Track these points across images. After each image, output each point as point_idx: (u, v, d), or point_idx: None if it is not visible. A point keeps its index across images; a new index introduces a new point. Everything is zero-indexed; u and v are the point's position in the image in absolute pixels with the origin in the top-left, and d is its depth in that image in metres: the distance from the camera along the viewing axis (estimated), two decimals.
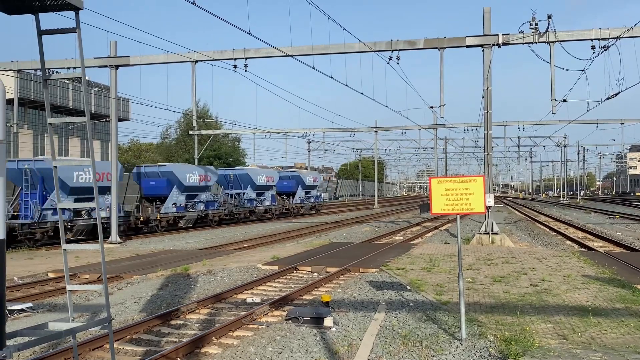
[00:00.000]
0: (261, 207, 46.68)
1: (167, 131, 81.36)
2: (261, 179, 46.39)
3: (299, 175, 54.30)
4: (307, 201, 55.94)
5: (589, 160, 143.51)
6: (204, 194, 38.60)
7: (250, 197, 45.42)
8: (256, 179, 45.64)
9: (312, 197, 57.39)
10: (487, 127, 25.37)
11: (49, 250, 24.64)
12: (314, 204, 57.67)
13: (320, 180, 61.51)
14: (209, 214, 38.82)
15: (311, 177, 56.82)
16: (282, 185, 53.16)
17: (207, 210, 38.74)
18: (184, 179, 35.99)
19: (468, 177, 9.46)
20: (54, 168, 5.14)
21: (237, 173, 45.75)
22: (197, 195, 37.90)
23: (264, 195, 47.54)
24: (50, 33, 4.77)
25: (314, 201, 57.72)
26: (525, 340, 8.67)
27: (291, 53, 25.11)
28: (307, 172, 59.35)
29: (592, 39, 23.28)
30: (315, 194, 58.17)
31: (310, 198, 56.97)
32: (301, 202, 54.60)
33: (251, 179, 45.23)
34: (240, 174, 45.58)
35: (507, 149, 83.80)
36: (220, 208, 40.48)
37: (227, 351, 8.86)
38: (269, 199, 48.12)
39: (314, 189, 57.81)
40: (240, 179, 45.39)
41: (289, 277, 16.28)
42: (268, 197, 48.07)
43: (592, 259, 18.56)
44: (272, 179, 48.49)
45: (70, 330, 4.43)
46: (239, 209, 43.11)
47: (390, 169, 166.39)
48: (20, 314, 11.99)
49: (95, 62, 27.64)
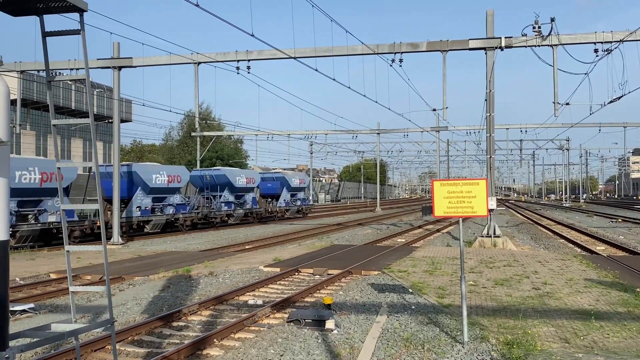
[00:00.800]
0: (240, 211, 43.64)
1: (169, 133, 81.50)
2: (240, 180, 43.39)
3: (283, 177, 51.07)
4: (292, 204, 52.70)
5: (591, 164, 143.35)
6: (173, 197, 35.83)
7: (227, 199, 42.59)
8: (234, 181, 42.56)
9: (299, 200, 54.12)
10: (490, 130, 25.36)
11: (50, 251, 24.66)
12: (300, 207, 54.38)
13: (308, 182, 58.23)
14: (180, 218, 36.03)
15: (297, 178, 53.51)
16: (266, 187, 50.64)
17: (177, 213, 35.84)
18: (150, 180, 33.11)
19: (471, 180, 9.45)
20: (58, 169, 5.15)
21: (213, 174, 42.61)
22: (166, 197, 35.11)
23: (243, 197, 44.65)
24: (55, 35, 4.78)
25: (300, 204, 54.39)
26: (528, 344, 8.65)
27: (294, 55, 25.12)
28: (292, 173, 55.61)
29: (595, 42, 23.27)
30: (302, 196, 55.01)
31: (297, 201, 53.68)
32: (286, 205, 51.35)
33: (229, 181, 42.24)
34: (217, 175, 42.46)
35: (510, 151, 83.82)
36: (193, 212, 37.86)
37: (228, 353, 8.86)
38: (249, 202, 45.30)
39: (301, 191, 54.82)
40: (217, 180, 42.29)
41: (291, 279, 16.27)
42: (248, 199, 45.23)
43: (594, 263, 18.53)
44: (253, 181, 45.67)
45: (73, 332, 4.43)
46: (214, 213, 40.34)
47: (392, 171, 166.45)
48: (22, 315, 11.99)
49: (98, 64, 27.68)
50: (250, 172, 47.30)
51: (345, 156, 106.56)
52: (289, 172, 54.93)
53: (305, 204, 55.65)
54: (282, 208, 50.49)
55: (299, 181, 53.14)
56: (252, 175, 46.06)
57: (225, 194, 42.29)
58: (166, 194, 35.07)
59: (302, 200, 54.85)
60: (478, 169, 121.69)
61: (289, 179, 50.98)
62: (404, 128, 60.45)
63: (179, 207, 36.28)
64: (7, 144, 3.91)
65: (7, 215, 3.90)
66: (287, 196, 51.30)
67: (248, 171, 48.50)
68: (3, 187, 3.88)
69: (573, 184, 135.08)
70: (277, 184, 50.78)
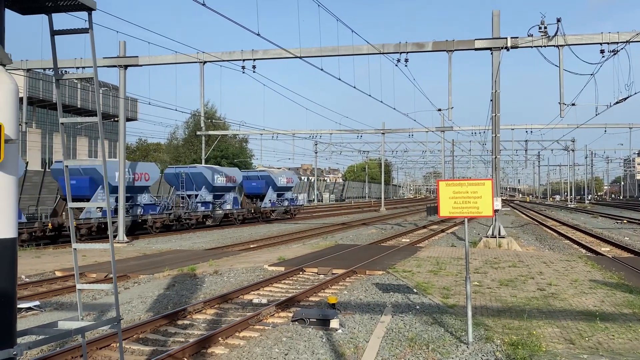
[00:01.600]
0: (219, 212, 40.41)
1: (175, 132, 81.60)
2: (219, 178, 40.55)
3: (268, 175, 48.07)
4: (279, 204, 49.13)
5: (596, 165, 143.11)
6: (140, 196, 33.11)
7: (204, 199, 39.59)
8: (212, 179, 39.74)
9: (286, 200, 50.41)
10: (495, 130, 25.33)
11: (56, 249, 24.74)
12: (288, 207, 50.56)
13: (296, 181, 54.83)
14: (148, 219, 32.82)
15: (284, 177, 50.20)
16: (250, 186, 47.82)
17: (145, 214, 32.85)
18: (112, 178, 29.71)
19: (476, 180, 9.45)
20: (65, 168, 5.17)
21: (189, 171, 39.55)
22: (132, 197, 32.39)
23: (223, 197, 41.72)
24: (63, 33, 4.81)
25: (288, 204, 50.56)
26: (532, 345, 8.65)
27: (300, 54, 25.14)
28: (279, 172, 52.17)
29: (602, 42, 23.21)
30: (289, 196, 51.19)
31: (284, 201, 50.07)
32: (272, 205, 47.80)
33: (206, 179, 39.49)
34: (193, 173, 39.48)
35: (515, 152, 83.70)
36: (165, 212, 34.69)
37: (233, 352, 8.87)
38: (229, 202, 42.27)
39: (288, 190, 51.14)
40: (193, 178, 39.31)
41: (295, 279, 16.29)
42: (229, 199, 42.25)
43: (599, 264, 18.48)
44: (234, 179, 42.94)
45: (79, 329, 4.45)
46: (189, 214, 36.91)
47: (397, 171, 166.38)
48: (28, 312, 12.04)
49: (104, 62, 27.76)
50: (231, 170, 44.60)
51: (349, 156, 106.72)
52: (275, 171, 51.95)
53: (294, 204, 51.79)
54: (268, 209, 47.07)
55: (286, 180, 50.09)
56: (233, 174, 43.48)
57: (203, 193, 39.56)
58: (132, 193, 32.27)
59: (290, 200, 51.19)
60: (483, 170, 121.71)
61: (275, 178, 48.21)
62: (409, 128, 60.39)
63: (148, 208, 33.56)
64: (15, 142, 3.93)
65: (16, 213, 3.92)
66: (273, 196, 48.24)
67: (229, 169, 45.37)
68: (12, 185, 3.90)
69: (578, 184, 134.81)
70: (262, 183, 47.80)
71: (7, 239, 3.85)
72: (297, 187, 60.63)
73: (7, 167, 3.86)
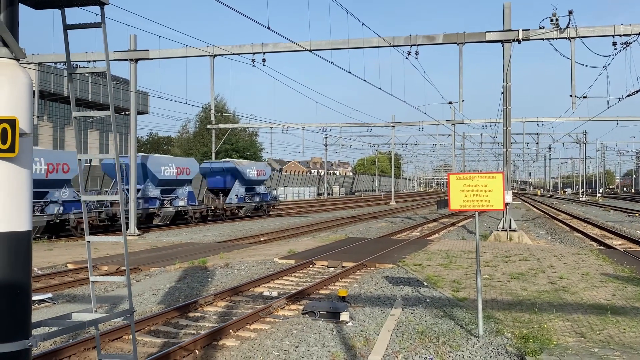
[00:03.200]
0: (170, 209, 34.55)
1: (185, 125, 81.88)
2: (167, 170, 34.31)
3: (234, 167, 41.99)
4: (249, 200, 43.47)
5: (608, 158, 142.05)
6: (58, 192, 28.03)
7: (150, 195, 33.48)
8: (158, 171, 33.56)
9: (258, 196, 44.78)
10: (506, 123, 25.21)
11: (68, 242, 24.92)
12: (260, 203, 45.16)
13: (269, 173, 48.58)
14: (70, 218, 27.80)
15: (254, 169, 44.34)
16: (214, 179, 42.45)
17: (66, 213, 27.73)
18: None
19: (487, 173, 9.43)
20: (79, 161, 5.21)
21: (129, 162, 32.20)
22: (48, 193, 27.25)
23: (175, 192, 35.66)
24: (76, 27, 4.84)
25: (260, 200, 45.05)
26: (543, 338, 8.64)
27: (310, 48, 25.11)
28: (248, 163, 45.85)
29: (614, 35, 23.02)
30: (261, 190, 45.66)
31: (255, 196, 44.34)
32: (239, 201, 42.05)
33: (150, 171, 33.28)
34: None
35: (526, 145, 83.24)
36: (94, 210, 29.69)
37: (244, 344, 8.93)
38: (183, 198, 36.33)
39: (260, 184, 45.56)
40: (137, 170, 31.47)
41: (306, 272, 16.34)
42: (182, 194, 36.24)
43: (610, 257, 18.41)
44: (188, 171, 36.61)
45: (93, 321, 4.51)
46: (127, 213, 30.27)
47: (407, 164, 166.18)
48: (41, 305, 12.16)
49: (115, 56, 27.84)
50: (184, 161, 38.57)
51: (359, 149, 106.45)
52: (243, 162, 45.93)
53: (267, 199, 46.46)
54: (233, 205, 41.32)
55: (256, 173, 44.36)
56: (186, 165, 37.18)
57: (148, 187, 33.55)
58: (47, 188, 27.40)
59: (263, 195, 45.76)
60: (494, 163, 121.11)
61: (243, 170, 42.49)
62: (419, 121, 60.16)
63: (69, 206, 28.31)
64: (30, 136, 3.97)
65: (30, 205, 3.97)
66: (240, 190, 42.31)
67: (181, 159, 39.62)
68: (26, 178, 3.95)
69: (590, 178, 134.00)
70: (227, 176, 42.20)
71: (23, 232, 3.90)
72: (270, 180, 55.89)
73: (21, 161, 3.91)
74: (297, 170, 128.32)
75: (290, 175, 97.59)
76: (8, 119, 3.77)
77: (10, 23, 3.97)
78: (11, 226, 3.84)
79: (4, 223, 3.81)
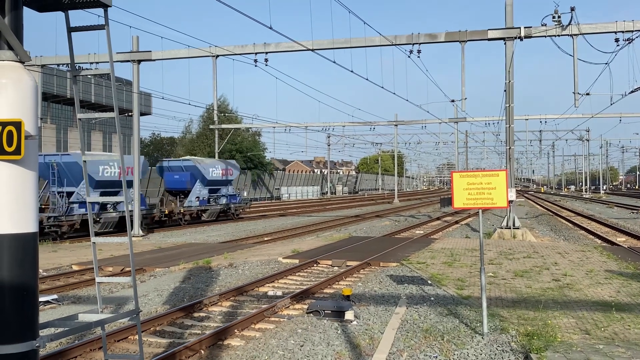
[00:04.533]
0: (113, 214, 29.73)
1: (189, 126, 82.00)
2: (107, 170, 29.30)
3: (194, 166, 37.40)
4: (213, 203, 39.03)
5: (611, 154, 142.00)
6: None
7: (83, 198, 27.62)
8: (96, 171, 28.52)
9: (224, 197, 40.17)
10: (509, 120, 25.20)
11: (72, 243, 24.98)
12: (227, 206, 40.45)
13: (237, 173, 43.26)
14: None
15: (219, 168, 39.41)
16: (172, 180, 37.55)
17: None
18: None
19: (490, 171, 9.44)
20: (84, 163, 5.24)
21: (62, 161, 28.36)
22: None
23: (120, 194, 30.13)
24: (80, 30, 4.86)
25: (227, 202, 40.41)
26: (548, 335, 8.64)
27: (312, 47, 25.13)
28: (212, 162, 40.89)
29: (616, 31, 22.99)
30: (227, 192, 40.72)
31: (220, 198, 39.83)
32: (201, 204, 37.63)
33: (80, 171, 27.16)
34: (68, 163, 28.09)
35: (529, 142, 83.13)
36: None
37: (249, 343, 8.96)
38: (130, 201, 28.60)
39: (226, 185, 40.52)
40: (69, 170, 28.02)
41: (310, 271, 16.36)
42: None
43: (615, 254, 18.39)
44: (132, 171, 29.42)
45: (99, 322, 4.53)
46: (57, 219, 26.75)
47: (410, 162, 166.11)
48: (46, 306, 12.20)
49: (118, 57, 27.90)
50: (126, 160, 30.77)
51: (362, 148, 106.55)
52: (205, 160, 41.39)
53: (235, 202, 41.63)
54: (193, 209, 36.66)
55: (221, 172, 39.48)
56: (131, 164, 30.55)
57: (83, 190, 27.46)
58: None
59: (230, 197, 41.01)
60: (497, 160, 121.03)
61: (204, 169, 37.62)
62: (422, 119, 60.10)
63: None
64: (35, 138, 4.00)
65: (37, 207, 4.00)
66: (202, 192, 37.81)
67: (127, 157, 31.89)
68: (32, 180, 3.97)
69: (593, 175, 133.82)
70: (187, 176, 37.22)
71: (29, 234, 3.93)
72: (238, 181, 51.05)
73: (27, 163, 3.93)
74: (300, 169, 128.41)
75: (294, 175, 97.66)
76: (14, 122, 3.79)
77: (15, 26, 3.99)
78: (18, 228, 3.87)
79: (11, 225, 3.84)
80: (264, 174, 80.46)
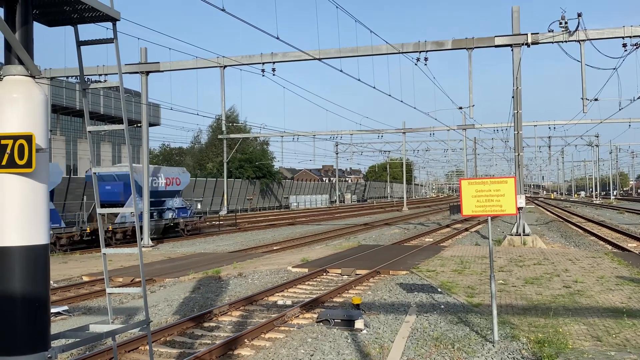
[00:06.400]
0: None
1: (198, 136, 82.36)
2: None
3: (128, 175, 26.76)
4: (157, 218, 32.09)
5: (621, 160, 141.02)
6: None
7: None
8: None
9: (170, 211, 33.39)
10: (518, 127, 25.16)
11: (82, 254, 25.07)
12: (173, 221, 33.32)
13: (186, 181, 35.32)
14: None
15: (162, 177, 32.55)
16: (105, 192, 29.87)
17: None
18: None
19: (499, 178, 9.43)
20: (93, 175, 5.29)
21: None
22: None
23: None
24: (89, 44, 4.93)
25: (174, 217, 33.50)
26: (559, 342, 8.61)
27: (319, 56, 25.21)
28: (154, 169, 33.03)
29: (624, 36, 22.94)
30: (175, 204, 33.85)
31: (166, 212, 33.09)
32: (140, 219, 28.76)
33: None
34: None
35: (538, 149, 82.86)
36: None
37: (259, 353, 8.96)
38: None
39: (172, 196, 33.68)
40: None
41: (319, 280, 16.34)
42: None
43: (626, 260, 18.28)
44: None
45: (110, 332, 4.56)
46: None
47: (418, 170, 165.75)
48: (57, 317, 12.24)
49: (126, 69, 28.08)
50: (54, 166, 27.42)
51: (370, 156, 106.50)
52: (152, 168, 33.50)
53: (184, 215, 34.69)
54: (127, 225, 29.51)
55: (165, 181, 32.63)
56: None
57: None
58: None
59: (178, 211, 34.15)
60: (506, 167, 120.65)
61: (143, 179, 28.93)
62: (430, 127, 60.08)
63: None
64: (46, 151, 4.05)
65: (48, 220, 4.04)
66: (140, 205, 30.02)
67: None
68: (43, 193, 4.02)
69: (603, 180, 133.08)
70: (120, 187, 30.64)
71: (40, 245, 3.97)
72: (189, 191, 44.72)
73: (38, 176, 3.98)
74: (309, 178, 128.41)
75: (302, 184, 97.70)
76: (25, 135, 3.84)
77: (25, 41, 4.05)
78: (29, 240, 3.91)
79: (23, 237, 3.89)
80: (272, 183, 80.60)
